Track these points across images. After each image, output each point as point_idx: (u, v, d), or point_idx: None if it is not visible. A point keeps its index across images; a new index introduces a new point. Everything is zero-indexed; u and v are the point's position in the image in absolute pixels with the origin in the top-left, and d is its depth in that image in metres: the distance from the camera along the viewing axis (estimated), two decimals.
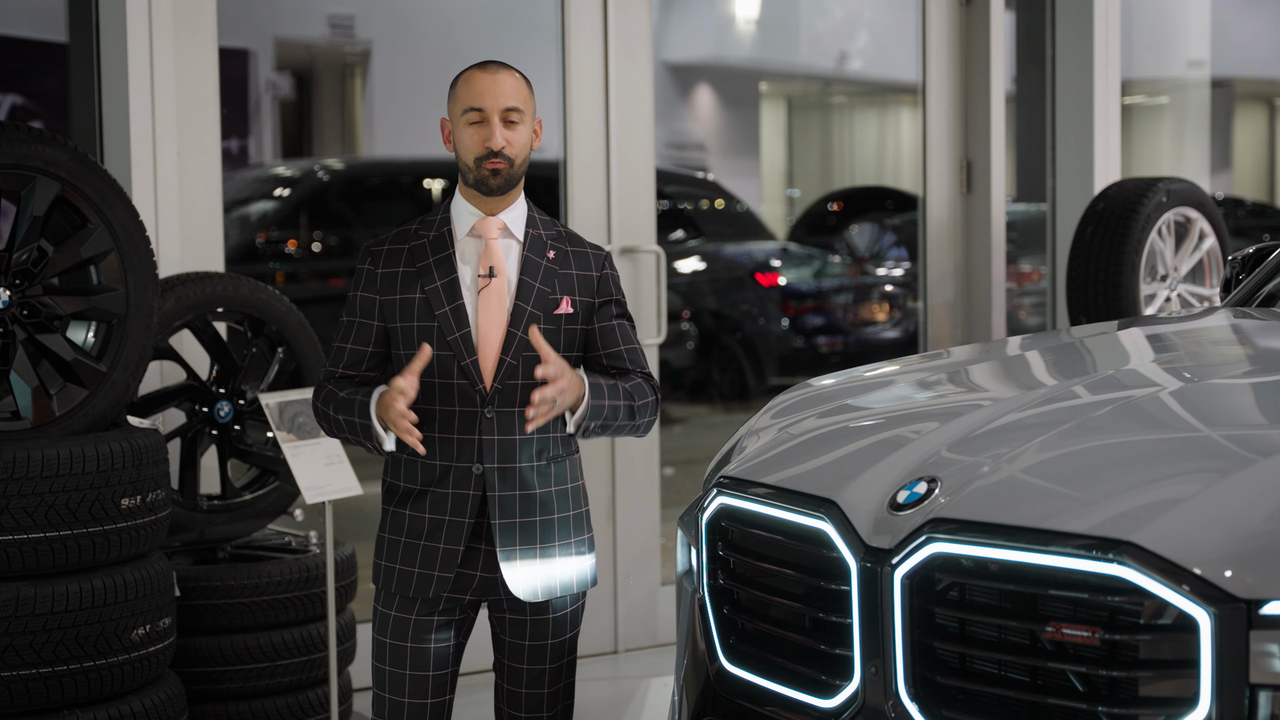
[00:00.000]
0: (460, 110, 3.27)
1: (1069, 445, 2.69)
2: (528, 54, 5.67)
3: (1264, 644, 2.25)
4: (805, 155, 15.33)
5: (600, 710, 5.41)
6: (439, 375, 3.24)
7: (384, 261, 3.30)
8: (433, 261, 3.27)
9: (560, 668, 3.38)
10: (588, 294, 3.33)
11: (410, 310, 3.26)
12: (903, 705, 2.60)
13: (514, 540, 3.25)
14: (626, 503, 5.95)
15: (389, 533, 3.31)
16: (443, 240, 3.29)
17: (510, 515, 3.25)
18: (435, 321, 3.24)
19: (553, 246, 3.32)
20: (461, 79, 3.30)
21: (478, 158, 3.25)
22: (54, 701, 3.86)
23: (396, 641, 3.30)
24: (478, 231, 3.29)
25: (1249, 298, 3.97)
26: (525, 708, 3.37)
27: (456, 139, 3.29)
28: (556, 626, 3.36)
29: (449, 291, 3.25)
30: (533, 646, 3.35)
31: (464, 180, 3.31)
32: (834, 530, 2.72)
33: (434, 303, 3.25)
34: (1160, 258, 6.10)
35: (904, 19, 7.27)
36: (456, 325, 3.24)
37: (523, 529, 3.26)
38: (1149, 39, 9.77)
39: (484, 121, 3.25)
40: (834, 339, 10.22)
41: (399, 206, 9.80)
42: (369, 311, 3.30)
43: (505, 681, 3.38)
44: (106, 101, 4.94)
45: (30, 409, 3.96)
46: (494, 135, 3.23)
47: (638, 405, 3.29)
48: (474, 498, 3.24)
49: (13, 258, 3.95)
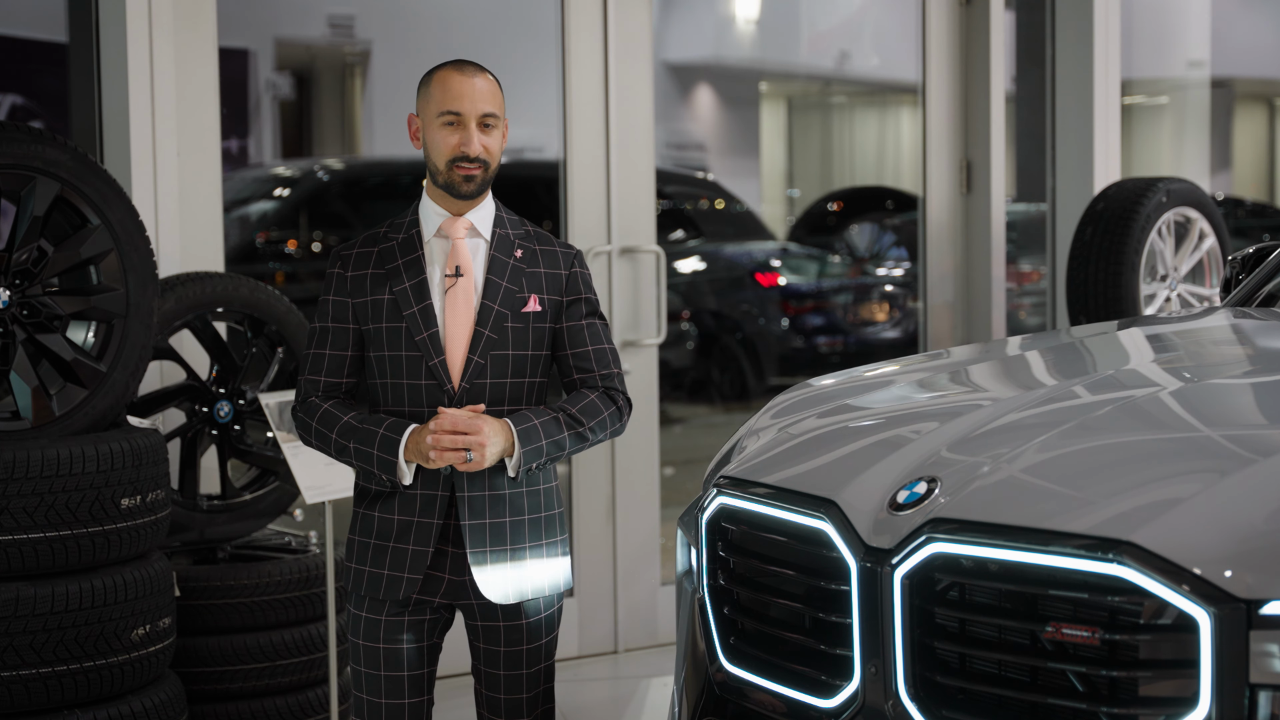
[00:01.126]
0: (435, 112, 3.26)
1: (1069, 445, 2.69)
2: (528, 54, 5.68)
3: (1264, 644, 2.25)
4: (805, 155, 15.33)
5: (600, 710, 5.41)
6: (407, 376, 3.26)
7: (353, 265, 3.31)
8: (401, 263, 3.28)
9: (537, 673, 3.36)
10: (556, 292, 3.33)
11: (380, 311, 3.27)
12: (903, 705, 2.60)
13: (484, 542, 3.24)
14: (626, 503, 5.95)
15: (359, 535, 3.31)
16: (412, 242, 3.31)
17: (480, 516, 3.24)
18: (404, 322, 3.25)
19: (520, 245, 3.33)
20: (436, 79, 3.29)
21: (450, 160, 3.25)
22: (54, 701, 3.86)
23: (369, 643, 3.30)
24: (445, 232, 3.30)
25: (1249, 298, 3.97)
26: (505, 713, 3.36)
27: (429, 139, 3.28)
28: (531, 631, 3.33)
29: (417, 292, 3.26)
30: (508, 652, 3.33)
31: (433, 180, 3.31)
32: (834, 530, 2.72)
33: (402, 304, 3.25)
34: (1160, 258, 6.10)
35: (904, 19, 7.27)
36: (424, 325, 3.24)
37: (493, 530, 3.25)
38: (1149, 39, 9.76)
39: (459, 125, 3.25)
40: (834, 339, 10.22)
41: (398, 207, 9.75)
42: (342, 315, 3.31)
43: (484, 687, 3.38)
44: (106, 101, 4.94)
45: (30, 409, 3.96)
46: (472, 142, 3.24)
47: (589, 426, 3.26)
48: (442, 498, 3.24)
49: (13, 258, 3.95)
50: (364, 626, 3.30)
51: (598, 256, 5.84)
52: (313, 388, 3.33)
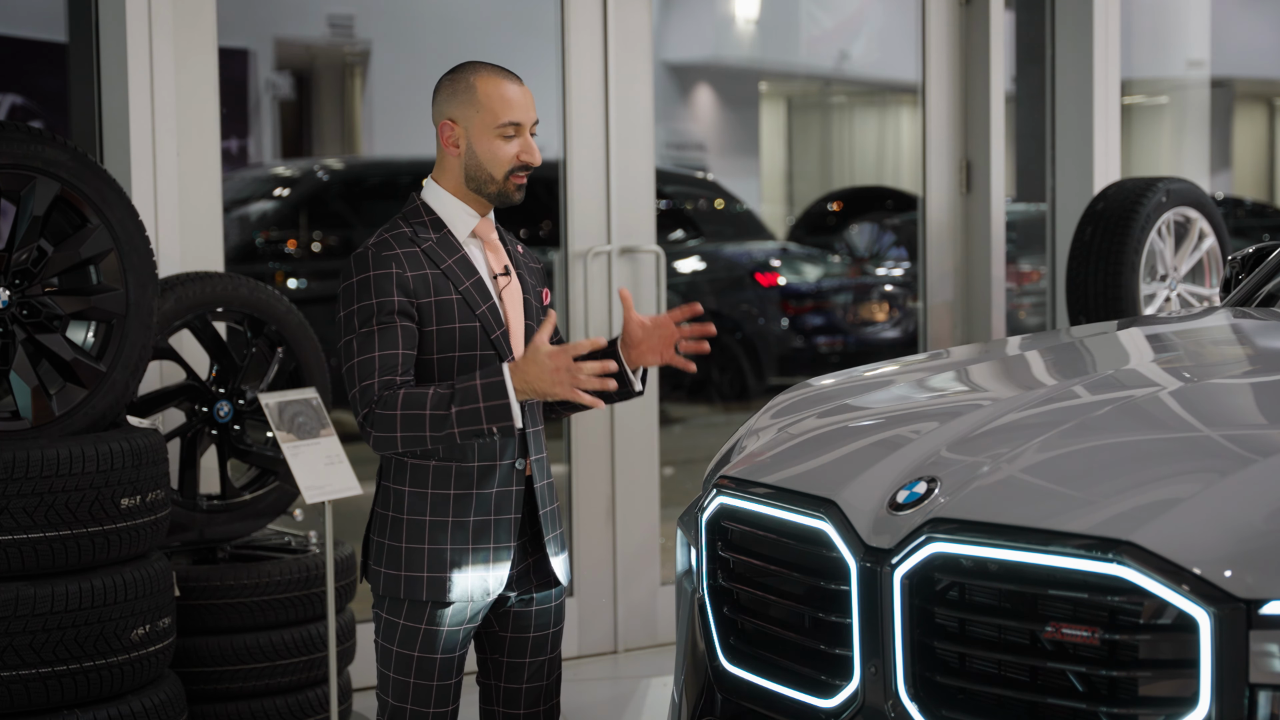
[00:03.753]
0: (493, 123, 3.25)
1: (1069, 445, 2.69)
2: (528, 54, 5.68)
3: (1264, 644, 2.25)
4: (805, 155, 15.33)
5: (600, 710, 5.41)
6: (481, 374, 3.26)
7: (409, 265, 3.23)
8: (453, 263, 3.28)
9: (557, 657, 3.46)
10: (544, 283, 3.47)
11: (448, 312, 3.24)
12: (902, 705, 2.60)
13: (555, 526, 3.39)
14: (626, 503, 5.95)
15: (430, 544, 3.24)
16: (449, 242, 3.30)
17: (549, 503, 3.38)
18: (477, 321, 3.26)
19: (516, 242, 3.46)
20: (485, 88, 3.26)
21: (510, 170, 3.28)
22: (54, 701, 3.86)
23: (426, 654, 3.27)
24: (478, 234, 3.34)
25: (1249, 298, 3.97)
26: (524, 704, 3.38)
27: (481, 149, 3.26)
28: (556, 614, 3.44)
29: (479, 291, 3.28)
30: (536, 638, 3.40)
31: (477, 189, 3.30)
32: (834, 530, 2.72)
33: (471, 302, 3.26)
34: (1160, 258, 6.10)
35: (904, 19, 7.27)
36: (495, 324, 3.28)
37: (552, 515, 3.39)
38: (1149, 39, 9.77)
39: (518, 135, 3.28)
40: (834, 339, 10.22)
41: (399, 207, 9.76)
42: (408, 314, 3.21)
43: (504, 681, 3.40)
44: (106, 101, 4.93)
45: (30, 409, 3.96)
46: (534, 151, 3.29)
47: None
48: (518, 492, 3.29)
49: (12, 258, 3.95)
50: (422, 638, 3.26)
51: (597, 256, 5.84)
52: (387, 387, 3.16)
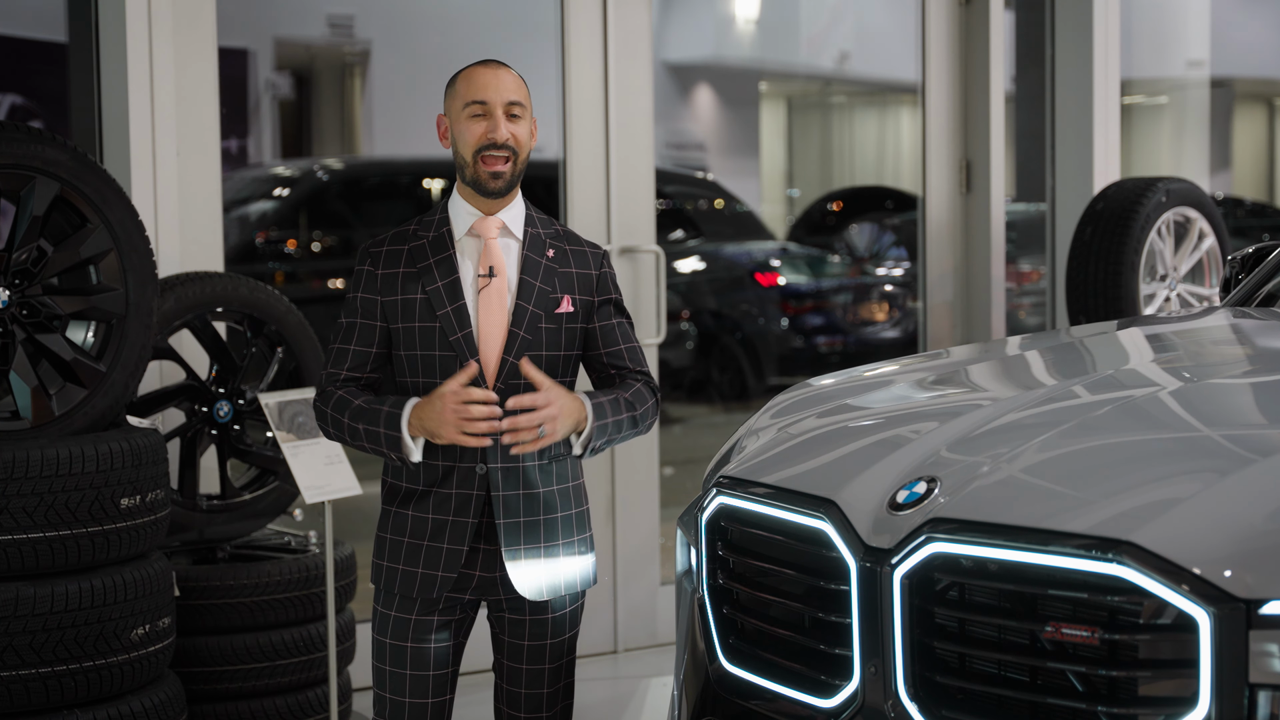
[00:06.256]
0: (462, 104, 3.27)
1: (1069, 445, 2.69)
2: (528, 54, 5.68)
3: (1263, 644, 2.25)
4: (805, 155, 15.34)
5: (600, 710, 5.41)
6: (441, 376, 3.24)
7: (384, 262, 3.29)
8: (433, 262, 3.26)
9: (560, 667, 3.38)
10: (587, 292, 3.33)
11: (412, 311, 3.26)
12: (902, 705, 2.60)
13: (518, 540, 3.25)
14: (626, 503, 5.95)
15: (390, 533, 3.31)
16: (442, 240, 3.29)
17: (514, 514, 3.25)
18: (437, 322, 3.23)
19: (552, 245, 3.33)
20: (462, 75, 3.31)
21: (477, 150, 3.24)
22: (54, 701, 3.86)
23: (396, 641, 3.30)
24: (476, 231, 3.29)
25: (1248, 297, 3.97)
26: (525, 708, 3.37)
27: (456, 133, 3.29)
28: (556, 626, 3.36)
29: (450, 292, 3.24)
30: (532, 646, 3.35)
31: (461, 177, 3.31)
32: (833, 530, 2.72)
33: (435, 303, 3.24)
34: (1160, 258, 6.10)
35: (904, 19, 7.27)
36: (458, 325, 3.23)
37: (526, 528, 3.26)
38: (1149, 39, 9.77)
39: (486, 115, 3.25)
40: (834, 339, 10.22)
41: (398, 206, 9.80)
42: (370, 312, 3.28)
43: (505, 682, 3.38)
44: (106, 101, 4.93)
45: (30, 409, 3.96)
46: (499, 127, 3.24)
47: (639, 413, 3.29)
48: (478, 497, 3.24)
49: (12, 258, 3.95)
50: (393, 625, 3.30)
51: None
52: (332, 381, 3.31)
